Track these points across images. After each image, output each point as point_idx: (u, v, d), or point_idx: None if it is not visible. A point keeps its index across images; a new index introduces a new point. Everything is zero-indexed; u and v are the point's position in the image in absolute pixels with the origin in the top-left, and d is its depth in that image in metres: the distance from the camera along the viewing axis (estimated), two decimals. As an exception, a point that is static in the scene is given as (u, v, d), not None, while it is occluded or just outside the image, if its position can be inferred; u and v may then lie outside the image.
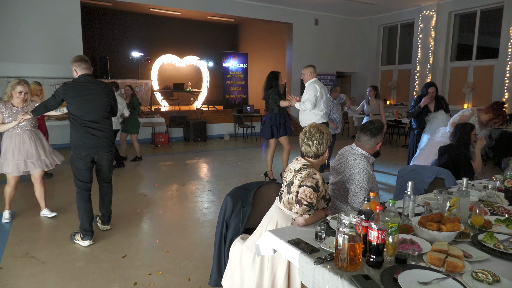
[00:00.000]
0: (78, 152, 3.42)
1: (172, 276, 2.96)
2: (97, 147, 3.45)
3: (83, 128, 3.39)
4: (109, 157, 3.61)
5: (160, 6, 10.20)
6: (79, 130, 3.39)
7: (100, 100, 3.45)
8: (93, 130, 3.42)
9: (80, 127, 3.38)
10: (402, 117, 9.99)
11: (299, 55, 11.87)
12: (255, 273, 2.13)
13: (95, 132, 3.42)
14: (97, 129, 3.44)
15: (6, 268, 3.05)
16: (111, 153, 3.62)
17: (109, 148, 3.56)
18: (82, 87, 3.40)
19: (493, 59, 9.53)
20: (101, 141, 3.46)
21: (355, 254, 1.48)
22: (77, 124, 3.39)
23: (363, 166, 2.48)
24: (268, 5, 10.94)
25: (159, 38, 13.60)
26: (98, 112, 3.43)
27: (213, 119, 10.80)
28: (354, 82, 13.53)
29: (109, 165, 3.65)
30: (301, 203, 2.01)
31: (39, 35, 8.13)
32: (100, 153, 3.49)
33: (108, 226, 3.87)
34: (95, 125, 3.42)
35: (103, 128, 3.48)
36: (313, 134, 2.19)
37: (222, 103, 12.27)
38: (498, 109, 4.24)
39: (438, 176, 3.15)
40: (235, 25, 15.47)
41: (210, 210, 4.59)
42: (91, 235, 3.50)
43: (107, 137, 3.51)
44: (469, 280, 1.43)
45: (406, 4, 10.81)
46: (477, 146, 3.60)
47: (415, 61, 11.18)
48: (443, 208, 2.09)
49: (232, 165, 7.18)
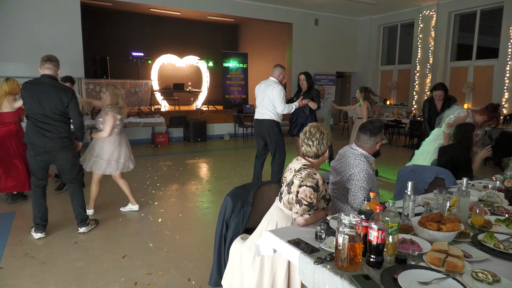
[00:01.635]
0: (28, 149, 3.51)
1: (172, 276, 2.96)
2: (45, 148, 3.47)
3: (34, 126, 3.45)
4: (65, 158, 3.58)
5: (160, 6, 10.20)
6: (31, 127, 3.46)
7: (52, 102, 3.42)
8: (43, 131, 3.44)
9: (32, 125, 3.46)
10: (402, 117, 9.99)
11: (299, 55, 11.87)
12: (255, 273, 2.13)
13: (45, 132, 3.45)
14: (48, 130, 3.45)
15: (6, 268, 3.05)
16: (67, 154, 3.58)
17: (63, 149, 3.53)
18: (38, 86, 3.45)
19: (493, 59, 9.52)
20: (49, 142, 3.46)
21: (355, 254, 1.48)
22: (29, 122, 3.47)
23: (363, 166, 2.48)
24: (268, 5, 10.95)
25: (159, 38, 13.60)
26: (48, 113, 3.43)
27: (213, 119, 10.80)
28: (354, 82, 13.53)
29: (68, 166, 3.62)
30: (301, 203, 2.01)
31: (39, 35, 8.13)
32: (51, 154, 3.51)
33: (83, 229, 3.77)
34: (46, 125, 3.44)
35: (53, 129, 3.47)
36: (313, 134, 2.19)
37: (222, 103, 12.27)
38: (493, 111, 4.20)
39: (438, 176, 3.15)
40: (235, 25, 15.47)
41: (210, 210, 4.59)
42: (42, 229, 3.64)
43: (58, 138, 3.49)
44: (469, 280, 1.43)
45: (406, 4, 10.81)
46: (480, 155, 3.59)
47: (415, 61, 11.18)
48: (443, 208, 2.09)
49: (232, 165, 7.18)
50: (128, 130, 9.26)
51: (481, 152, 3.60)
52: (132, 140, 9.43)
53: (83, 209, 3.78)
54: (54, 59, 3.54)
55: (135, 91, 9.92)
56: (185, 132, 10.22)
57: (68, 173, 3.67)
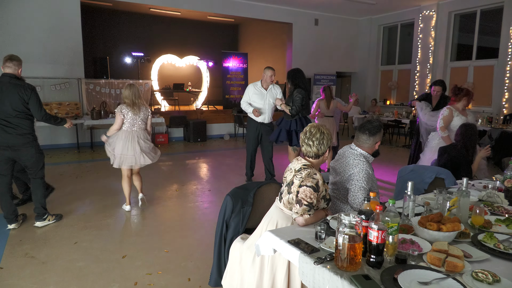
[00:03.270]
0: None
1: (172, 276, 2.96)
2: (7, 144, 3.66)
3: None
4: (28, 154, 3.76)
5: (160, 6, 10.19)
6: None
7: (12, 99, 3.60)
8: (5, 127, 3.64)
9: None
10: (402, 117, 9.99)
11: (299, 55, 11.86)
12: (255, 273, 2.13)
13: (7, 129, 3.64)
14: (9, 126, 3.64)
15: (6, 268, 3.05)
16: (30, 149, 3.76)
17: (25, 145, 3.72)
18: None
19: (493, 59, 9.52)
20: (12, 138, 3.66)
21: (355, 254, 1.48)
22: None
23: (362, 166, 2.48)
24: (268, 5, 10.94)
25: (159, 38, 13.60)
26: (9, 110, 3.61)
27: (213, 119, 10.80)
28: (354, 82, 13.53)
29: (32, 161, 3.79)
30: (301, 203, 2.01)
31: (39, 35, 8.12)
32: (14, 150, 3.69)
33: (38, 223, 3.91)
34: (6, 122, 3.63)
35: (15, 126, 3.66)
36: (314, 134, 2.19)
37: (222, 103, 12.26)
38: (460, 90, 4.34)
39: (438, 176, 3.15)
40: (235, 25, 15.47)
41: (210, 210, 4.59)
42: (13, 221, 3.84)
43: (20, 134, 3.69)
44: (469, 280, 1.43)
45: (406, 4, 10.81)
46: (480, 154, 3.60)
47: (415, 61, 11.18)
48: (443, 208, 2.09)
49: (232, 165, 7.18)
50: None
51: (480, 152, 3.60)
52: (132, 140, 9.43)
53: (41, 205, 3.93)
54: (15, 58, 3.70)
55: (135, 91, 9.92)
56: (185, 132, 10.22)
57: (32, 168, 3.83)
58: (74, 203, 4.71)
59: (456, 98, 4.36)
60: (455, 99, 4.37)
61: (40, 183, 3.92)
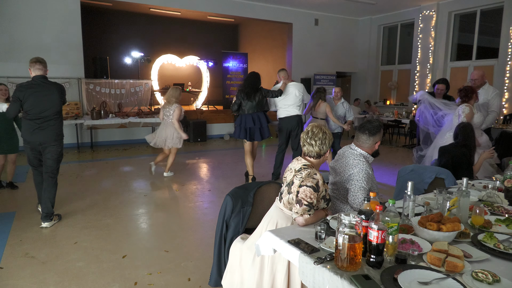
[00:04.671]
0: (25, 143, 3.90)
1: (172, 276, 2.96)
2: (40, 141, 3.85)
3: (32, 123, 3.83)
4: (55, 152, 3.94)
5: (160, 6, 10.19)
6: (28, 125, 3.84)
7: (52, 99, 3.84)
8: (42, 125, 3.83)
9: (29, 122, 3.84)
10: (402, 117, 9.99)
11: (299, 55, 11.86)
12: (255, 273, 2.13)
13: (44, 127, 3.84)
14: (46, 125, 3.85)
15: (6, 268, 3.05)
16: (58, 148, 3.95)
17: (55, 143, 3.92)
18: (37, 87, 3.77)
19: (493, 59, 9.52)
20: (47, 136, 3.87)
21: (355, 254, 1.48)
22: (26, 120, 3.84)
23: (362, 166, 2.48)
24: (268, 5, 10.94)
25: (159, 38, 13.59)
26: (48, 111, 3.82)
27: (213, 119, 10.80)
28: (354, 82, 13.53)
29: (55, 158, 3.95)
30: (301, 203, 2.01)
31: (39, 35, 8.13)
32: (44, 147, 3.90)
33: (46, 224, 3.93)
34: (43, 122, 3.82)
35: (51, 125, 3.89)
36: (316, 134, 2.20)
37: (222, 103, 12.26)
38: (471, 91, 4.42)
39: (438, 176, 3.15)
40: (235, 25, 15.47)
41: (210, 210, 4.59)
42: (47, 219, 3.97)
43: (55, 133, 3.92)
44: (469, 280, 1.43)
45: (406, 4, 10.81)
46: (483, 156, 3.59)
47: (415, 61, 11.17)
48: (443, 208, 2.09)
49: (232, 165, 7.18)
50: (128, 130, 9.27)
51: (484, 154, 3.60)
52: (132, 140, 9.46)
53: (51, 205, 3.96)
54: (42, 60, 3.84)
55: (135, 91, 9.89)
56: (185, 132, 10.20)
57: (51, 166, 3.95)
58: (74, 203, 4.71)
59: (467, 99, 4.39)
60: (467, 100, 4.39)
61: (55, 182, 4.00)
